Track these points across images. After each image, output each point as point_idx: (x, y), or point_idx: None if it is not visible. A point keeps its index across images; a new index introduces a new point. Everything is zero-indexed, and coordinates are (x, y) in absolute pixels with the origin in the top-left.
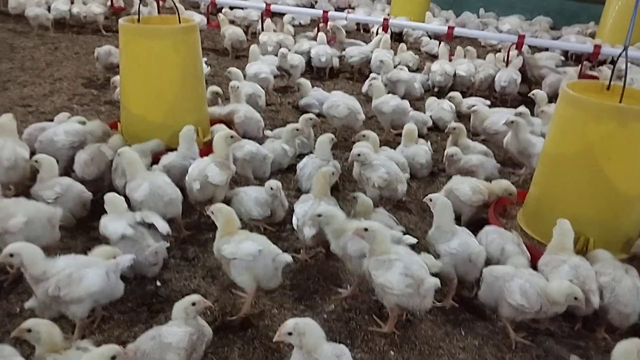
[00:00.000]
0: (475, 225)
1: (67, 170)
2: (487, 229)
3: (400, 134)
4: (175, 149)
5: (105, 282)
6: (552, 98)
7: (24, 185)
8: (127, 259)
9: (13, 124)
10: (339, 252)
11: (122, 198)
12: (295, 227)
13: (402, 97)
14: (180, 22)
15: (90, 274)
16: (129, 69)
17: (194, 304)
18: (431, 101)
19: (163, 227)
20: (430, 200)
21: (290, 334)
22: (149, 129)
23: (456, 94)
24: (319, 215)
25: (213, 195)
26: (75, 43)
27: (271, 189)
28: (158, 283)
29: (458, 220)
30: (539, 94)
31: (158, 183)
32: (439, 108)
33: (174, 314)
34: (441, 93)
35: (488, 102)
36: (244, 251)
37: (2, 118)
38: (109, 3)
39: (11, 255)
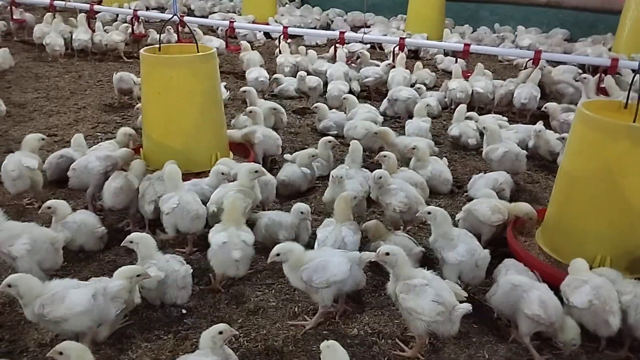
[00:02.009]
0: (494, 244)
1: (95, 196)
2: (507, 264)
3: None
4: (195, 174)
5: (90, 303)
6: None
7: (40, 193)
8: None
9: (34, 141)
10: (300, 285)
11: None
12: None
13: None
14: (198, 51)
15: (74, 294)
16: (150, 97)
17: (221, 332)
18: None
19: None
20: (429, 213)
21: None
22: (169, 154)
23: (473, 114)
24: (277, 254)
25: None
26: (98, 70)
27: (301, 212)
28: (184, 310)
29: (478, 238)
30: (551, 106)
31: (187, 199)
32: (464, 125)
33: (201, 343)
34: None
35: (505, 119)
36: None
37: (29, 135)
38: (129, 30)
39: (9, 285)
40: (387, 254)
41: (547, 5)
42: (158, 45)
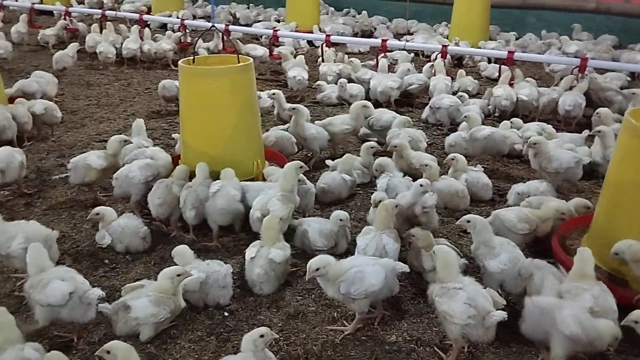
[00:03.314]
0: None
1: (140, 203)
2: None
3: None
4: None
5: (64, 299)
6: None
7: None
8: (98, 293)
9: (115, 143)
10: (337, 296)
11: (190, 250)
12: None
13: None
14: (239, 61)
15: (54, 286)
16: (188, 106)
17: (262, 336)
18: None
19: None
20: (468, 221)
21: None
22: (206, 162)
23: (517, 120)
24: (317, 269)
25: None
26: (146, 78)
27: (340, 220)
28: (226, 313)
29: None
30: (603, 112)
31: (227, 190)
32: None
33: (243, 346)
34: (503, 118)
35: (549, 126)
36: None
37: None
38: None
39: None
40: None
41: (595, 12)
42: (193, 57)
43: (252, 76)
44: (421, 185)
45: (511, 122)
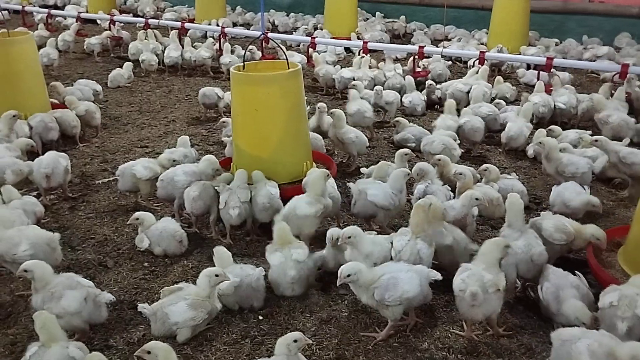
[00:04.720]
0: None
1: (182, 207)
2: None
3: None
4: (282, 184)
5: (81, 305)
6: None
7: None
8: (108, 297)
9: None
10: (371, 303)
11: (228, 252)
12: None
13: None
14: (288, 67)
15: (69, 296)
16: (240, 112)
17: (295, 340)
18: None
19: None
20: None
21: None
22: (257, 165)
23: (556, 128)
24: (348, 276)
25: (300, 229)
26: (186, 85)
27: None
28: (260, 317)
29: None
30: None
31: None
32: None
33: (277, 350)
34: (540, 125)
35: (588, 133)
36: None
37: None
38: (216, 47)
39: (25, 271)
40: None
41: (639, 17)
42: (243, 64)
43: (301, 81)
44: (477, 199)
45: (550, 130)
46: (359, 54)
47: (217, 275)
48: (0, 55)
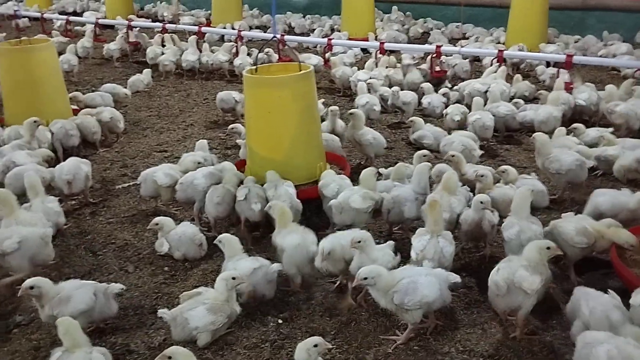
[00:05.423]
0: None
1: (202, 210)
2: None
3: None
4: (297, 185)
5: (92, 300)
6: None
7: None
8: (117, 287)
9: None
10: (390, 307)
11: (237, 238)
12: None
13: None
14: (300, 69)
15: (78, 295)
16: (253, 114)
17: (316, 345)
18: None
19: None
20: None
21: None
22: (270, 166)
23: (580, 126)
24: (364, 279)
25: (354, 220)
26: (204, 89)
27: None
28: (279, 320)
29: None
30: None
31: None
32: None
33: (297, 354)
34: (562, 123)
35: (609, 130)
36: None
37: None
38: (233, 50)
39: (31, 287)
40: None
41: None
42: (255, 66)
43: (313, 83)
44: (481, 202)
45: (574, 128)
46: (375, 56)
47: (234, 278)
48: (22, 62)
